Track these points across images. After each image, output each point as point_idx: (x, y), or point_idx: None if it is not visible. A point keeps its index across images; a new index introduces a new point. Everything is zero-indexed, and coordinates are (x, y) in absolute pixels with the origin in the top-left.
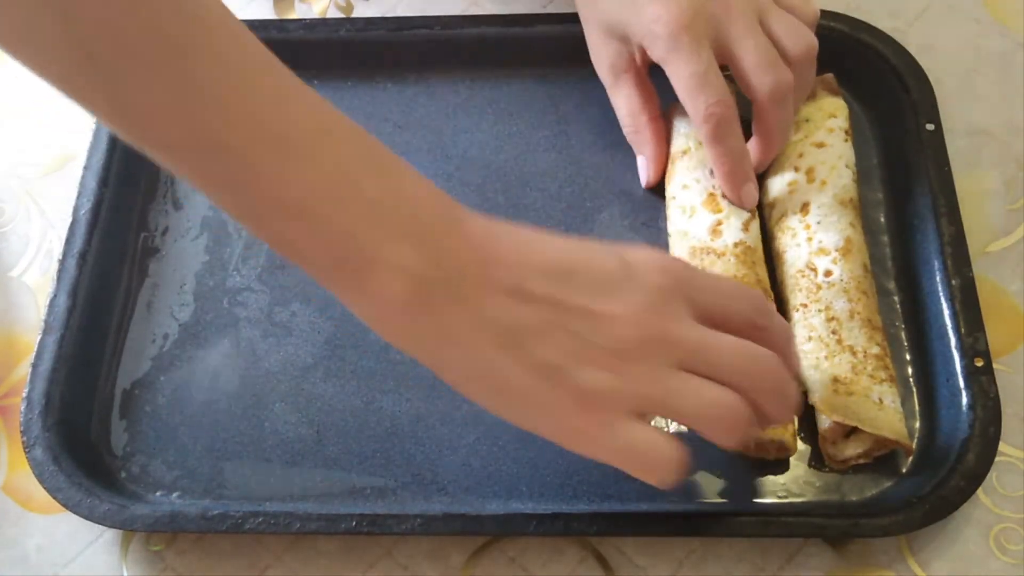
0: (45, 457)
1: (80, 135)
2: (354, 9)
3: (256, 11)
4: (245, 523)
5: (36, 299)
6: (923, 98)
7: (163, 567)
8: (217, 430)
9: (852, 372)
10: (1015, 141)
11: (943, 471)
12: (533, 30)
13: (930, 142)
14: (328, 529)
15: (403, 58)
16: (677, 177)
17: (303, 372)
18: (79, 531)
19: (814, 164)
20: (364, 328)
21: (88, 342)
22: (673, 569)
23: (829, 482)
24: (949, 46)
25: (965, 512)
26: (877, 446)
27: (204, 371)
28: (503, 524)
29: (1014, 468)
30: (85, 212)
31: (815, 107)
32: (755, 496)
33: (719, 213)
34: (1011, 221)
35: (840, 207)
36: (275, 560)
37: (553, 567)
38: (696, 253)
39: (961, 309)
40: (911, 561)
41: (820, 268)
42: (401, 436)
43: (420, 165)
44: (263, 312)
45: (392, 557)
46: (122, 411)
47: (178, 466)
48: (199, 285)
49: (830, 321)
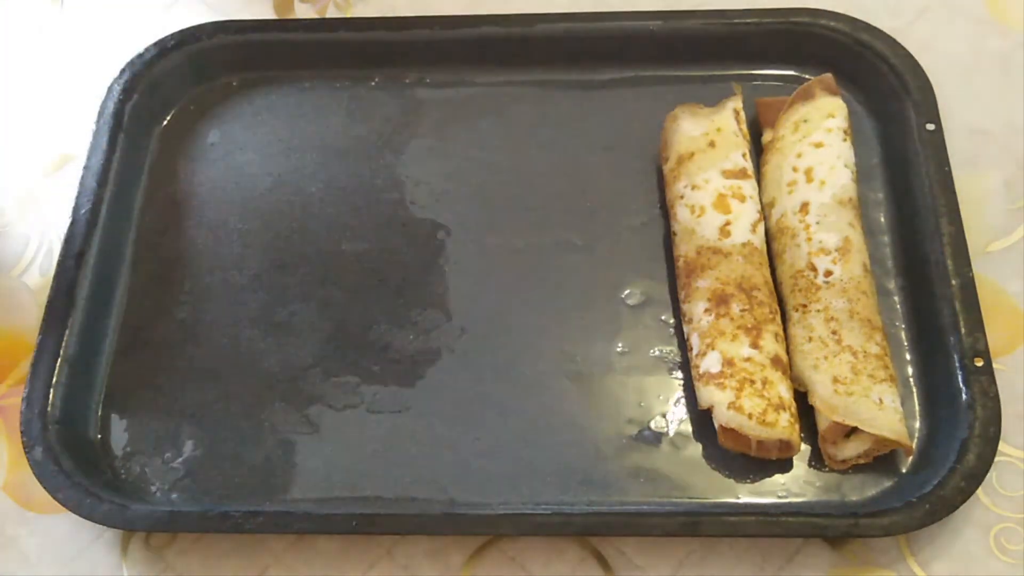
0: (45, 457)
1: (80, 135)
2: (354, 9)
3: (256, 11)
4: (245, 523)
5: (36, 299)
6: (923, 98)
7: (163, 567)
8: (217, 430)
9: (852, 372)
10: (1015, 141)
11: (943, 471)
12: (533, 30)
13: (930, 142)
14: (328, 529)
15: (403, 58)
16: (685, 177)
17: (303, 372)
18: (79, 531)
19: (813, 164)
20: (364, 327)
21: (88, 342)
22: (673, 569)
23: (829, 482)
24: (949, 46)
25: (965, 512)
26: (877, 446)
27: (204, 371)
28: (503, 524)
29: (1014, 468)
30: (85, 212)
31: (813, 107)
32: (755, 496)
33: (728, 214)
34: (1011, 221)
35: (839, 207)
36: (275, 560)
37: (553, 567)
38: (703, 252)
39: (961, 309)
40: (911, 561)
41: (820, 268)
42: (401, 436)
43: (420, 165)
44: (263, 312)
45: (392, 557)
46: (122, 411)
47: (178, 466)
48: (199, 285)
49: (830, 321)
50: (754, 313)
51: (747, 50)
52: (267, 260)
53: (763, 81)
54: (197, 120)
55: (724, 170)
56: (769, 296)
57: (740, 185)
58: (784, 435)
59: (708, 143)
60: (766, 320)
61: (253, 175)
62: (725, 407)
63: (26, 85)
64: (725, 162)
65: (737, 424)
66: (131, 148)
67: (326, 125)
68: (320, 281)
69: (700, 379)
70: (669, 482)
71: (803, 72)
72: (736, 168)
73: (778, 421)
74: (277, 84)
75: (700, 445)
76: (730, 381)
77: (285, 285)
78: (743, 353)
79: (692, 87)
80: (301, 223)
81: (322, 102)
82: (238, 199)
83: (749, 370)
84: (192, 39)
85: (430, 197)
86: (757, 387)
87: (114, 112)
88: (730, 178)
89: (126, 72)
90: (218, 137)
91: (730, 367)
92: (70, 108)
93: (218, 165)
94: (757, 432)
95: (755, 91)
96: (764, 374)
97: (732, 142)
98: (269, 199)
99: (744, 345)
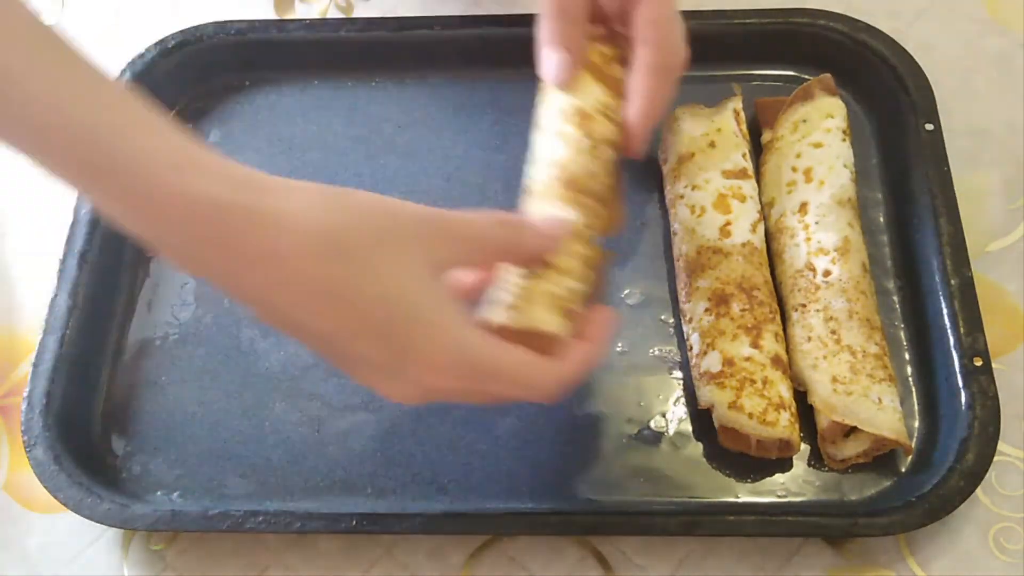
0: (46, 457)
1: None
2: (354, 9)
3: (256, 11)
4: (245, 523)
5: (36, 299)
6: (922, 98)
7: (163, 566)
8: (217, 430)
9: (851, 372)
10: (1015, 141)
11: (942, 470)
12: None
13: (929, 142)
14: (328, 529)
15: (403, 58)
16: (685, 177)
17: (303, 372)
18: (80, 530)
19: (812, 164)
20: None
21: (88, 342)
22: (673, 569)
23: (828, 481)
24: (948, 46)
25: (964, 511)
26: (876, 445)
27: (204, 371)
28: (503, 524)
29: (1013, 467)
30: (85, 212)
31: (813, 107)
32: (755, 495)
33: (729, 214)
34: (1010, 221)
35: (838, 207)
36: (275, 560)
37: (553, 567)
38: (704, 252)
39: (960, 309)
40: (910, 560)
41: (819, 268)
42: (401, 436)
43: (420, 165)
44: None
45: (392, 557)
46: (122, 411)
47: (178, 466)
48: (199, 285)
49: (829, 321)
50: (754, 313)
51: (747, 50)
52: None
53: (762, 81)
54: (197, 120)
55: (724, 170)
56: (769, 296)
57: (740, 185)
58: (784, 435)
59: (708, 143)
60: (766, 320)
61: None
62: (725, 406)
63: None
64: (725, 162)
65: (737, 423)
66: None
67: (326, 125)
68: None
69: (700, 378)
70: (669, 482)
71: (802, 72)
72: (736, 168)
73: (778, 420)
74: (277, 84)
75: (700, 445)
76: (730, 380)
77: None
78: (743, 353)
79: (692, 87)
80: None
81: (322, 102)
82: None
83: (749, 370)
84: (192, 39)
85: (430, 197)
86: (758, 387)
87: None
88: (730, 178)
89: (126, 72)
90: (218, 137)
91: (730, 367)
92: None
93: None
94: (758, 431)
95: (754, 91)
96: (764, 374)
97: (732, 142)
98: None
99: (744, 345)
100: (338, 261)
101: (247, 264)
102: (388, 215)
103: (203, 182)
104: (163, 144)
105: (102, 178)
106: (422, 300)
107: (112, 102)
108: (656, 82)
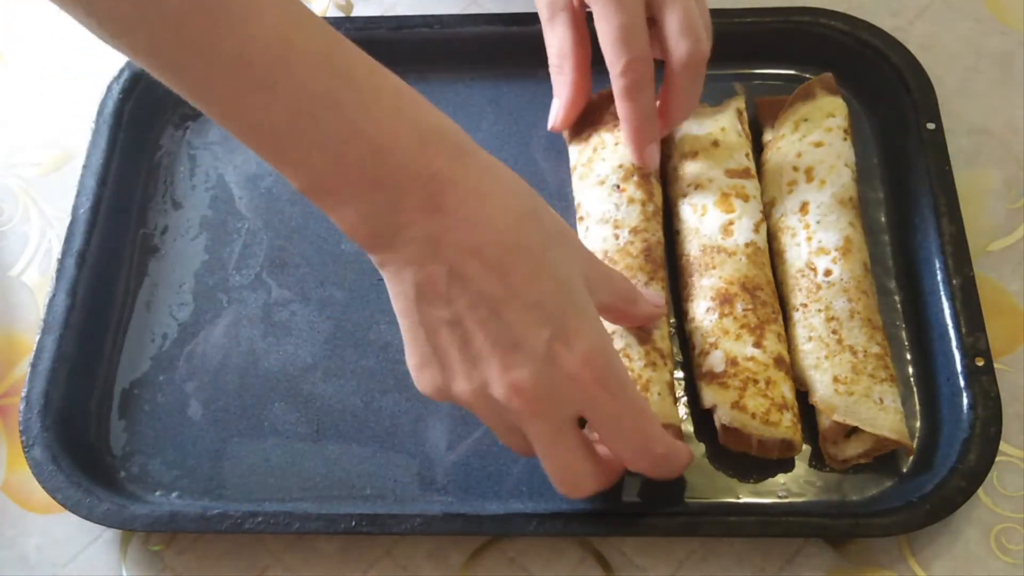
0: (44, 457)
1: (80, 135)
2: (354, 9)
3: None
4: (245, 523)
5: (35, 299)
6: (924, 97)
7: (162, 567)
8: (217, 430)
9: (852, 372)
10: (1015, 140)
11: (944, 471)
12: (533, 30)
13: (930, 141)
14: (328, 529)
15: (403, 58)
16: (688, 175)
17: (303, 372)
18: (78, 531)
19: (813, 163)
20: (364, 327)
21: (87, 342)
22: (673, 569)
23: (830, 482)
24: (950, 45)
25: (966, 512)
26: (878, 446)
27: (203, 371)
28: (503, 524)
29: (1015, 468)
30: (84, 212)
31: (814, 106)
32: (755, 496)
33: (731, 213)
34: (1012, 220)
35: (839, 206)
36: (275, 560)
37: (553, 567)
38: (707, 251)
39: (962, 308)
40: (912, 561)
41: (820, 268)
42: (401, 436)
43: None
44: (262, 312)
45: (392, 557)
46: (121, 411)
47: (178, 466)
48: (198, 284)
49: (830, 321)
50: (757, 312)
51: (747, 50)
52: (267, 260)
53: (763, 80)
54: (198, 118)
55: (728, 169)
56: (772, 296)
57: (743, 184)
58: (787, 435)
59: (712, 142)
60: (769, 320)
61: (253, 175)
62: (728, 406)
63: (26, 84)
64: (729, 161)
65: (741, 423)
66: (131, 147)
67: None
68: (320, 281)
69: (703, 378)
70: (670, 482)
71: (803, 71)
72: (739, 168)
73: (781, 421)
74: None
75: (700, 445)
76: (734, 380)
77: (285, 285)
78: (747, 352)
79: None
80: (301, 223)
81: None
82: (238, 199)
83: (753, 369)
84: None
85: None
86: (760, 387)
87: (114, 111)
88: (733, 177)
89: (126, 72)
90: (218, 136)
91: (734, 366)
92: (70, 107)
93: (218, 165)
94: (761, 432)
95: (755, 90)
96: (767, 374)
97: (735, 142)
98: (269, 199)
99: (748, 344)
100: (535, 226)
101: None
102: (563, 222)
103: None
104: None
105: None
106: (584, 295)
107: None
108: (688, 79)
